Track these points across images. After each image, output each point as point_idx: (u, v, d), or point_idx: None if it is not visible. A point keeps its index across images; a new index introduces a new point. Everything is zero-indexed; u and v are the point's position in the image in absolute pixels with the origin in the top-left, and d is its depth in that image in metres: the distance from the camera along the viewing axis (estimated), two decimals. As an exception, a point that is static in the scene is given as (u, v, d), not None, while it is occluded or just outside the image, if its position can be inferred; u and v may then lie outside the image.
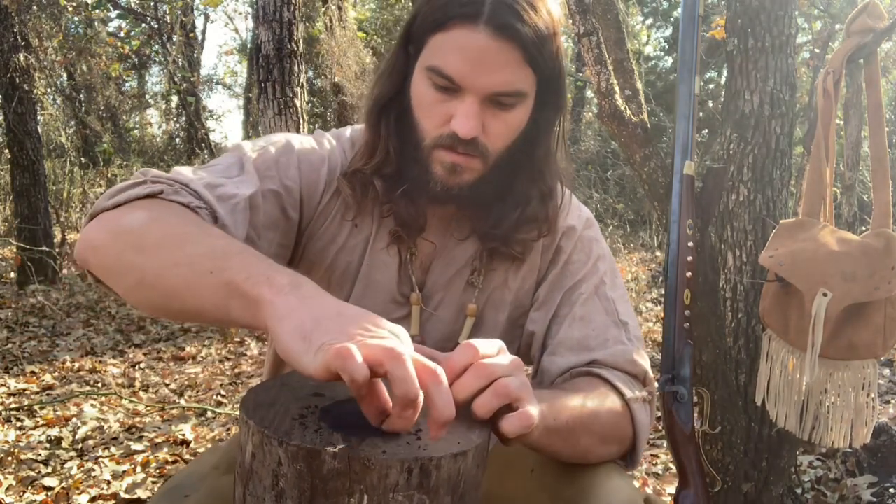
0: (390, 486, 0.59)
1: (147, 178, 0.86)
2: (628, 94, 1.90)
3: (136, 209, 0.81)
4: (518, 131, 0.93)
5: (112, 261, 0.80)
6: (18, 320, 4.89)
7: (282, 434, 0.61)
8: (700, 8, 1.39)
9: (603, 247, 1.07)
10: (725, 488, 1.73)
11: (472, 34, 0.85)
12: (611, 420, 0.89)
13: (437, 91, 0.89)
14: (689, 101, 1.40)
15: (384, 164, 0.97)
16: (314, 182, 0.99)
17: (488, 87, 0.87)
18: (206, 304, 0.72)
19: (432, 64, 0.88)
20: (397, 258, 1.02)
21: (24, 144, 5.82)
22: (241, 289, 0.68)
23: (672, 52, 10.43)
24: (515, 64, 0.87)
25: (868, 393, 1.44)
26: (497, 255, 1.02)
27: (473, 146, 0.89)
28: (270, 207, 0.94)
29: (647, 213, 7.61)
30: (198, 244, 0.75)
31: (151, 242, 0.77)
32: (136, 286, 0.78)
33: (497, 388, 0.66)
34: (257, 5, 4.04)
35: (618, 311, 1.00)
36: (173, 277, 0.74)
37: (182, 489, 0.91)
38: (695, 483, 1.34)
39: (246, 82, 14.43)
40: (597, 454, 0.89)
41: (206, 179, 0.89)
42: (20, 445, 2.85)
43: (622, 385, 0.93)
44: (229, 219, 0.87)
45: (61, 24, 7.06)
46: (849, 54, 1.50)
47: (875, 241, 1.40)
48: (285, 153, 0.98)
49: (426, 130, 0.92)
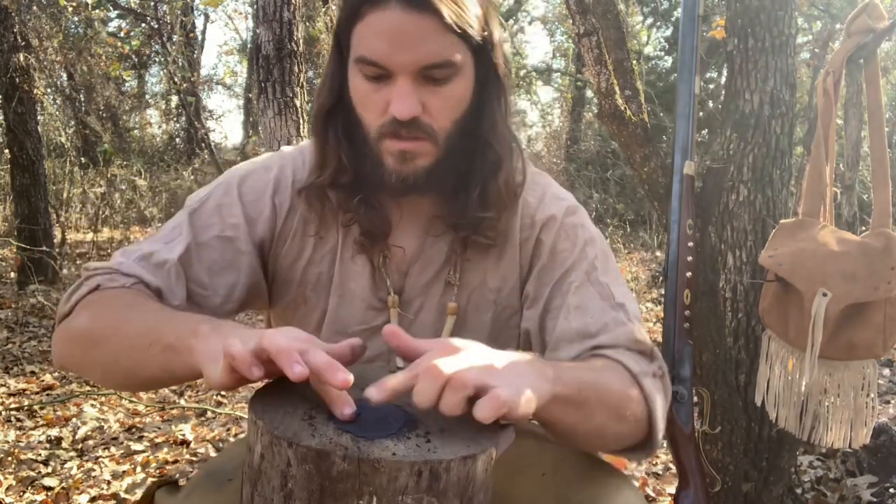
0: (399, 488, 0.59)
1: (88, 274, 0.93)
2: (628, 94, 1.90)
3: (81, 311, 0.89)
4: (461, 105, 0.92)
5: (78, 362, 0.91)
6: (18, 320, 4.88)
7: (291, 435, 0.61)
8: (700, 8, 1.40)
9: (590, 231, 1.03)
10: (725, 488, 1.73)
11: (385, 14, 0.85)
12: (623, 392, 0.86)
13: (369, 81, 0.89)
14: (689, 101, 1.40)
15: (339, 174, 0.96)
16: (261, 210, 1.00)
17: (414, 63, 0.86)
18: (156, 372, 0.81)
19: (357, 55, 0.89)
20: (369, 265, 1.01)
21: (24, 144, 5.81)
22: (175, 348, 0.76)
23: (672, 52, 10.42)
24: (436, 33, 0.86)
25: (868, 393, 1.44)
26: (470, 244, 1.00)
27: (416, 127, 0.88)
28: (217, 254, 0.97)
29: (647, 213, 7.61)
30: (133, 324, 0.83)
31: (98, 338, 0.86)
32: (104, 376, 0.90)
33: (452, 384, 0.65)
34: (257, 5, 4.04)
35: (613, 294, 0.97)
36: (124, 360, 0.83)
37: (225, 474, 0.93)
38: (695, 483, 1.34)
39: (246, 82, 14.42)
40: (614, 432, 0.86)
41: (142, 251, 0.95)
42: (20, 445, 2.85)
43: (629, 361, 0.90)
44: (164, 284, 0.93)
45: (61, 24, 7.05)
46: (849, 54, 1.50)
47: (875, 241, 1.40)
48: (226, 195, 1.00)
49: (369, 123, 0.91)
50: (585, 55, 1.90)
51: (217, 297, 0.97)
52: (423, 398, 0.65)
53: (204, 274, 0.96)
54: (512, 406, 0.65)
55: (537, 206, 1.03)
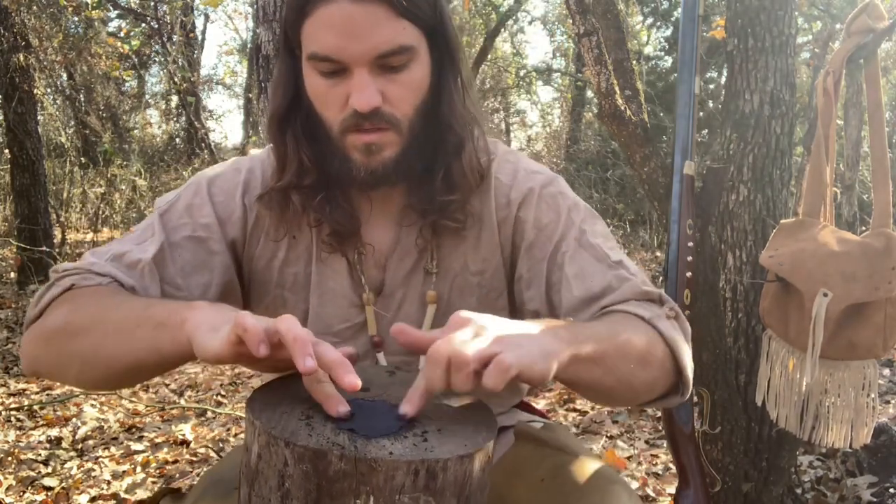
0: (396, 487, 0.59)
1: (58, 276, 0.91)
2: (628, 94, 1.90)
3: (55, 310, 0.87)
4: (421, 91, 0.91)
5: (53, 361, 0.87)
6: (18, 320, 4.89)
7: (288, 435, 0.61)
8: (700, 8, 1.40)
9: (571, 197, 1.01)
10: (725, 488, 1.73)
11: (334, 6, 0.84)
12: (639, 338, 0.84)
13: (325, 78, 0.88)
14: (689, 101, 1.40)
15: (301, 176, 0.95)
16: (231, 210, 0.99)
17: (369, 52, 0.85)
18: (142, 354, 0.79)
19: (309, 52, 0.87)
20: (345, 262, 1.00)
21: (24, 144, 5.82)
22: (167, 323, 0.75)
23: (672, 52, 10.42)
24: (388, 20, 0.84)
25: (868, 393, 1.44)
26: (440, 229, 0.98)
27: (379, 118, 0.87)
28: (189, 254, 0.96)
29: (647, 213, 7.60)
30: (118, 310, 0.82)
31: (79, 329, 0.83)
32: (81, 370, 0.85)
33: (454, 363, 0.65)
34: (257, 5, 4.04)
35: (608, 254, 0.95)
36: (110, 346, 0.81)
37: (231, 482, 0.92)
38: (695, 483, 1.34)
39: (246, 82, 14.41)
40: (642, 380, 0.84)
41: (113, 251, 0.94)
42: (20, 445, 2.85)
43: (639, 310, 0.88)
44: (139, 283, 0.92)
45: (61, 24, 7.05)
46: (849, 54, 1.50)
47: (875, 241, 1.40)
48: (196, 195, 0.99)
49: (330, 120, 0.90)
50: (585, 55, 1.89)
51: (192, 298, 0.95)
52: (434, 383, 0.66)
53: (178, 274, 0.95)
54: (522, 368, 0.65)
55: (511, 185, 1.00)
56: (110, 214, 8.00)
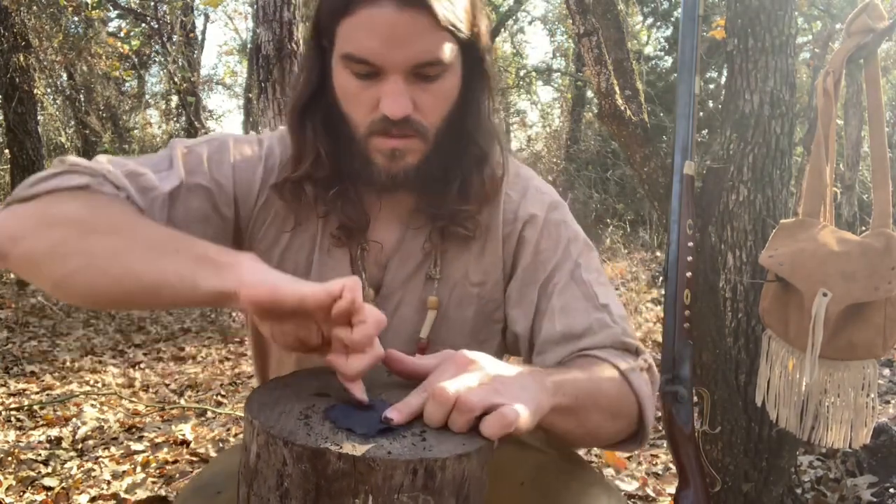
0: (395, 486, 0.59)
1: (67, 169, 0.85)
2: (628, 94, 1.90)
3: (65, 200, 0.81)
4: (450, 102, 0.91)
5: (45, 247, 0.78)
6: (18, 320, 4.89)
7: (287, 434, 0.61)
8: (700, 8, 1.40)
9: (572, 228, 1.02)
10: (725, 488, 1.73)
11: (378, 10, 0.83)
12: (615, 393, 0.87)
13: (358, 79, 0.87)
14: (689, 101, 1.40)
15: (316, 168, 0.94)
16: (248, 181, 0.97)
17: (407, 61, 0.84)
18: (170, 278, 0.73)
19: (346, 51, 0.86)
20: (347, 257, 0.99)
21: (24, 144, 5.82)
22: (213, 259, 0.73)
23: (672, 52, 10.42)
24: (429, 31, 0.84)
25: (868, 393, 1.44)
26: (448, 235, 0.98)
27: (408, 125, 0.87)
28: (198, 202, 0.93)
29: (647, 213, 7.60)
30: (151, 228, 0.79)
31: (100, 227, 0.78)
32: (79, 270, 0.77)
33: (460, 406, 0.66)
34: (257, 5, 4.04)
35: (596, 293, 0.96)
36: (134, 258, 0.75)
37: (213, 486, 0.91)
38: (695, 483, 1.34)
39: (246, 82, 14.39)
40: (607, 431, 0.87)
41: (131, 168, 0.90)
42: (20, 445, 2.85)
43: (615, 359, 0.90)
44: (148, 210, 0.88)
45: (61, 24, 7.05)
46: (849, 54, 1.50)
47: (875, 241, 1.40)
48: (219, 151, 0.97)
49: (357, 121, 0.89)
50: (585, 55, 1.90)
51: None
52: (433, 420, 0.67)
53: (182, 217, 0.92)
54: (518, 424, 0.67)
55: (519, 202, 1.02)
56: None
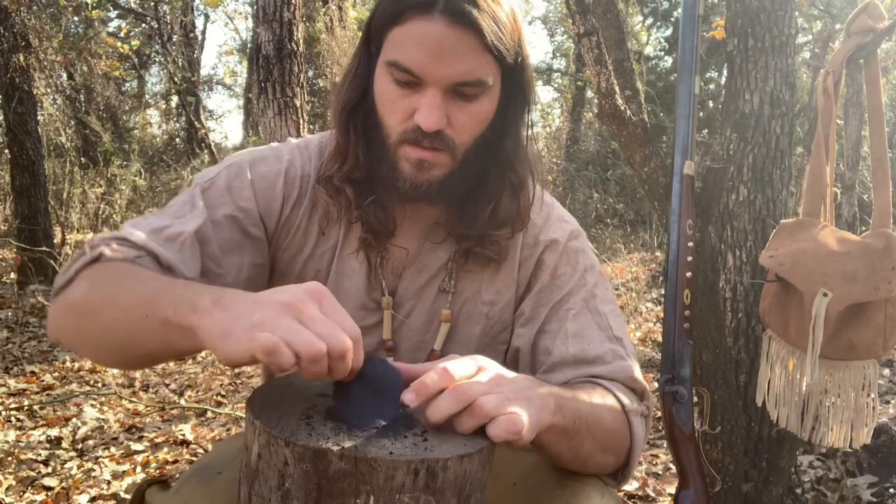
0: (396, 487, 0.59)
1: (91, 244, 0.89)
2: (628, 94, 1.91)
3: (79, 282, 0.85)
4: (485, 123, 0.92)
5: (72, 335, 0.86)
6: (18, 320, 4.89)
7: (288, 434, 0.61)
8: (700, 8, 1.39)
9: (590, 258, 1.05)
10: (725, 488, 1.73)
11: (429, 24, 0.85)
12: (612, 426, 0.89)
13: (398, 86, 0.89)
14: (689, 101, 1.40)
15: (354, 170, 0.96)
16: (270, 198, 0.99)
17: (449, 78, 0.86)
18: (155, 346, 0.76)
19: (391, 58, 0.88)
20: (366, 264, 1.01)
21: (24, 144, 5.81)
22: (174, 322, 0.71)
23: (672, 52, 10.42)
24: (475, 52, 0.86)
25: (868, 393, 1.44)
26: (472, 256, 1.00)
27: (439, 139, 0.88)
28: (227, 233, 0.95)
29: (647, 213, 7.60)
30: (130, 294, 0.79)
31: (93, 308, 0.81)
32: (97, 350, 0.85)
33: (475, 410, 0.67)
34: (257, 5, 4.04)
35: (611, 326, 0.99)
36: (119, 333, 0.79)
37: (214, 468, 0.93)
38: (695, 483, 1.34)
39: (246, 82, 14.42)
40: (595, 462, 0.89)
41: (152, 225, 0.92)
42: (20, 445, 2.85)
43: (622, 395, 0.92)
44: (177, 257, 0.89)
45: (61, 24, 7.05)
46: (849, 54, 1.50)
47: (875, 241, 1.40)
48: (237, 177, 0.99)
49: (390, 127, 0.91)
50: (585, 55, 1.90)
51: (229, 277, 0.95)
52: (440, 415, 0.67)
53: (216, 253, 0.94)
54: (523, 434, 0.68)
55: (542, 227, 1.04)
56: (110, 214, 7.99)
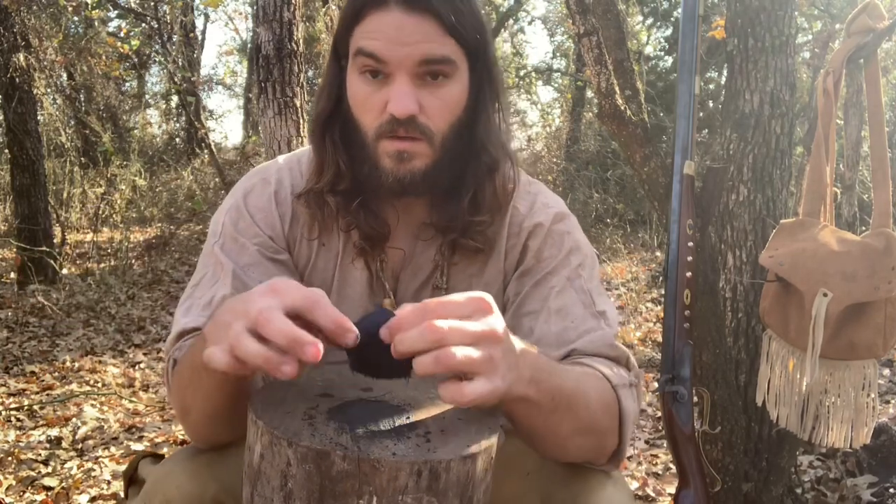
0: (399, 487, 0.59)
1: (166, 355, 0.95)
2: (628, 94, 1.91)
3: (172, 392, 0.92)
4: (458, 108, 0.94)
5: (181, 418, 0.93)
6: (18, 320, 4.88)
7: (291, 435, 0.61)
8: (700, 8, 1.40)
9: (577, 238, 1.04)
10: (725, 488, 1.73)
11: (387, 15, 0.88)
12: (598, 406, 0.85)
13: (368, 82, 0.91)
14: (689, 101, 1.40)
15: (337, 181, 0.98)
16: (272, 223, 1.02)
17: (412, 57, 0.88)
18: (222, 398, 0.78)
19: (357, 48, 0.90)
20: (366, 270, 1.02)
21: (24, 144, 5.81)
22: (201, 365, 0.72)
23: (672, 52, 10.41)
24: (434, 34, 0.88)
25: (868, 393, 1.44)
26: (459, 247, 1.01)
27: (413, 126, 0.90)
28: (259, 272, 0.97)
29: (647, 213, 7.60)
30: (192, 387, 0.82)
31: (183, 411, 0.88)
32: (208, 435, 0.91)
33: (440, 355, 0.61)
34: (257, 5, 4.04)
35: (595, 302, 0.98)
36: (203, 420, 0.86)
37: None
38: (695, 483, 1.34)
39: (246, 82, 14.41)
40: (577, 445, 0.85)
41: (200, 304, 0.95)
42: (20, 445, 2.85)
43: (606, 370, 0.89)
44: None
45: (61, 24, 7.04)
46: (849, 54, 1.50)
47: (875, 241, 1.40)
48: (240, 219, 1.01)
49: (367, 125, 0.93)
50: (585, 55, 1.90)
51: None
52: (404, 346, 0.62)
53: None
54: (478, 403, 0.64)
55: (526, 214, 1.04)
56: (110, 214, 7.99)
